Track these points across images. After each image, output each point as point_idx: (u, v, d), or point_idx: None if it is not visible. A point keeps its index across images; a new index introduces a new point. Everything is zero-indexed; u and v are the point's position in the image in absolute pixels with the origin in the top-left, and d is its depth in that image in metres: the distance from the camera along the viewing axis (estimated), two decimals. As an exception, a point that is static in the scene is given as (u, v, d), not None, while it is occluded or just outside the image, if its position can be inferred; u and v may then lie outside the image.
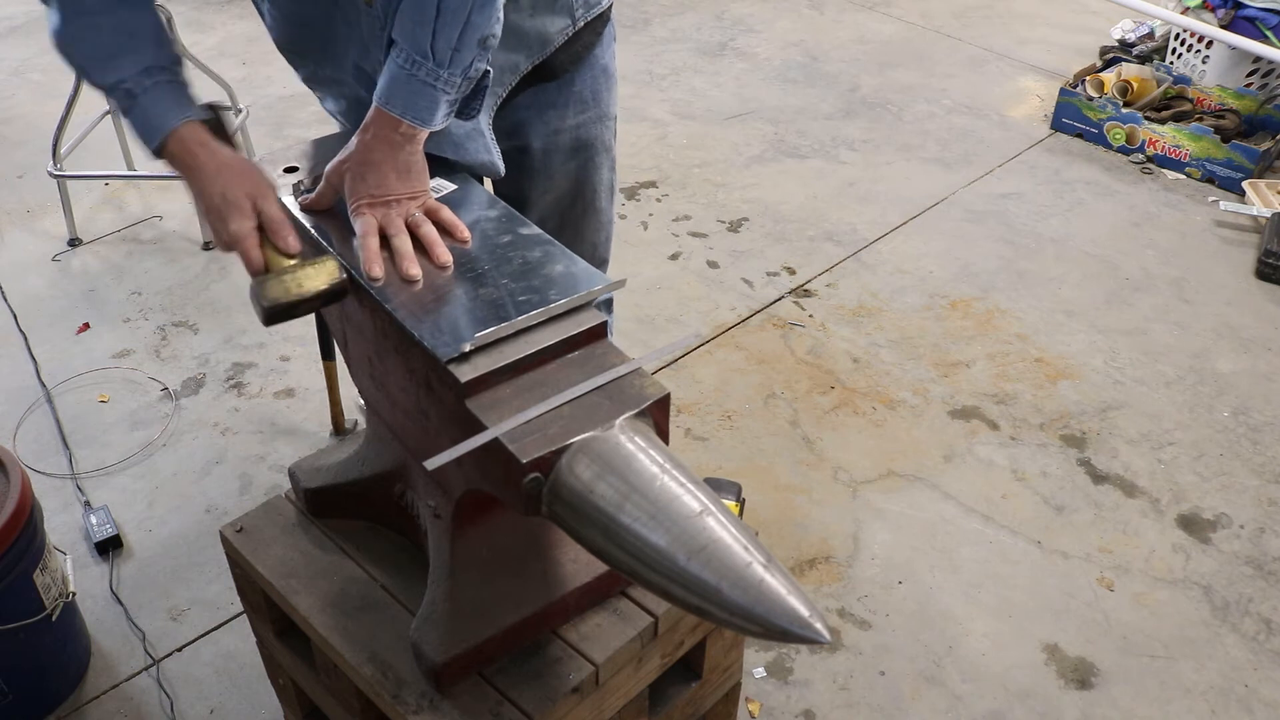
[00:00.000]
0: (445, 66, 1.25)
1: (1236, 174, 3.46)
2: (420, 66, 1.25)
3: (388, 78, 1.27)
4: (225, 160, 1.26)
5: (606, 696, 1.33)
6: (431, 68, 1.25)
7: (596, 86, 1.64)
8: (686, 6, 4.89)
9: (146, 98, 1.26)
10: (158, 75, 1.27)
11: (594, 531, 1.04)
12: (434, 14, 1.23)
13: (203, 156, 1.25)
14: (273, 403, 2.61)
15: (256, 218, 1.24)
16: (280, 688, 1.68)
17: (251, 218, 1.23)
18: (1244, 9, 3.78)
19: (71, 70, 1.32)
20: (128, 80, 1.25)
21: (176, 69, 1.30)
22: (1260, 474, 2.43)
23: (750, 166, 3.63)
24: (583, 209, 1.75)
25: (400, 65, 1.26)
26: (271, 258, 1.24)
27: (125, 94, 1.26)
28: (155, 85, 1.26)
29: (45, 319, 2.89)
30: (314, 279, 1.21)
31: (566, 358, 1.17)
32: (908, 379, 2.70)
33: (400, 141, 1.28)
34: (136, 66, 1.26)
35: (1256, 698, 1.96)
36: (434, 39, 1.24)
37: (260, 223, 1.24)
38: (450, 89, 1.27)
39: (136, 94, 1.26)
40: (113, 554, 2.21)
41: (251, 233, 1.23)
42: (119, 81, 1.26)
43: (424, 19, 1.23)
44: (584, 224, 1.77)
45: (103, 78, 1.27)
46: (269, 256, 1.24)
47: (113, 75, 1.26)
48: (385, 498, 1.44)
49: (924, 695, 1.96)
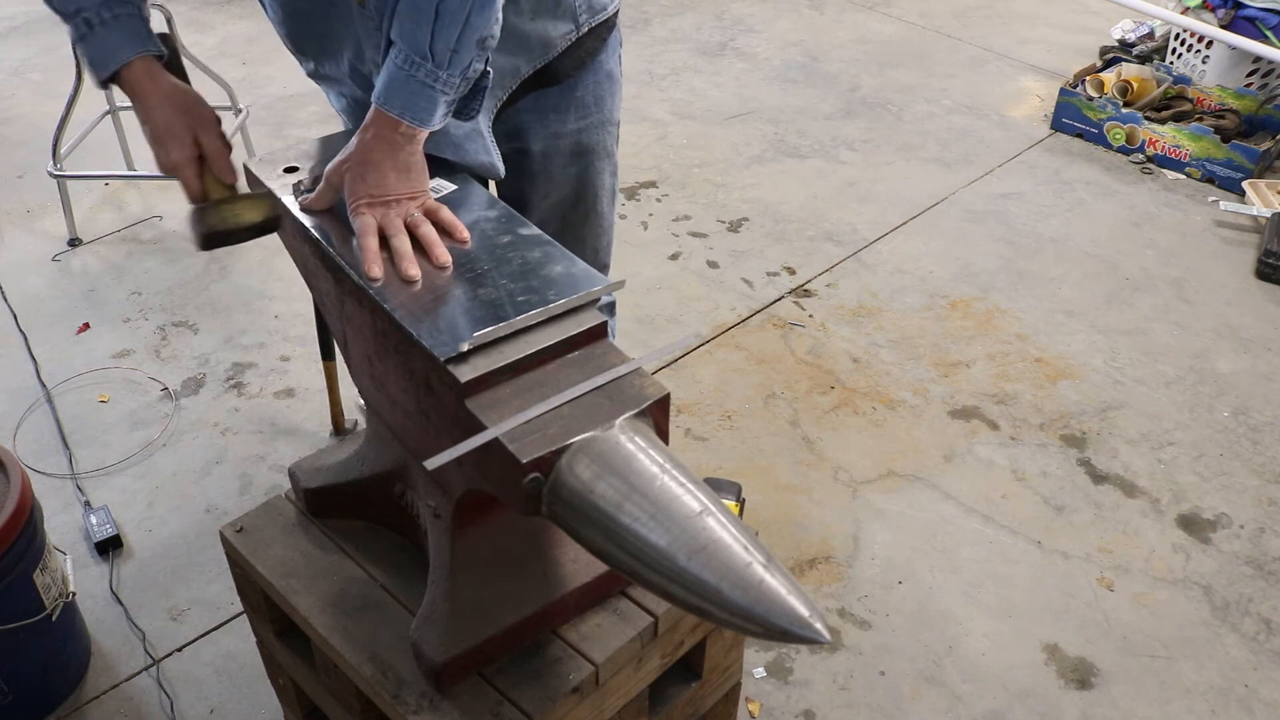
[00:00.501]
0: (444, 67, 1.25)
1: (1236, 174, 3.46)
2: (419, 67, 1.25)
3: (386, 78, 1.27)
4: (169, 91, 1.30)
5: (606, 696, 1.33)
6: (430, 68, 1.25)
7: (600, 92, 1.64)
8: (686, 6, 4.89)
9: (105, 29, 1.28)
10: (118, 8, 1.29)
11: (594, 531, 1.04)
12: (433, 15, 1.22)
13: (148, 87, 1.29)
14: (273, 403, 2.61)
15: (198, 149, 1.29)
16: (280, 688, 1.68)
17: (191, 148, 1.28)
18: (1244, 9, 3.78)
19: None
20: (87, 9, 1.27)
21: (140, 3, 1.31)
22: (1260, 474, 2.43)
23: (750, 166, 3.63)
24: (584, 213, 1.75)
25: (399, 65, 1.25)
26: (212, 187, 1.29)
27: (84, 23, 1.27)
28: (115, 18, 1.28)
29: (45, 319, 2.89)
30: (250, 211, 1.28)
31: (566, 358, 1.17)
32: (908, 379, 2.70)
33: (399, 141, 1.28)
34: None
35: (1256, 698, 1.96)
36: (433, 40, 1.24)
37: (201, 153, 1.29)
38: (449, 90, 1.27)
39: (94, 24, 1.28)
40: (113, 554, 2.21)
41: (191, 161, 1.28)
42: (79, 9, 1.27)
43: (423, 20, 1.23)
44: (584, 228, 1.77)
45: (64, 6, 1.28)
46: (209, 186, 1.29)
47: (74, 4, 1.27)
48: (385, 498, 1.44)
49: (924, 695, 1.96)
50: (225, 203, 1.28)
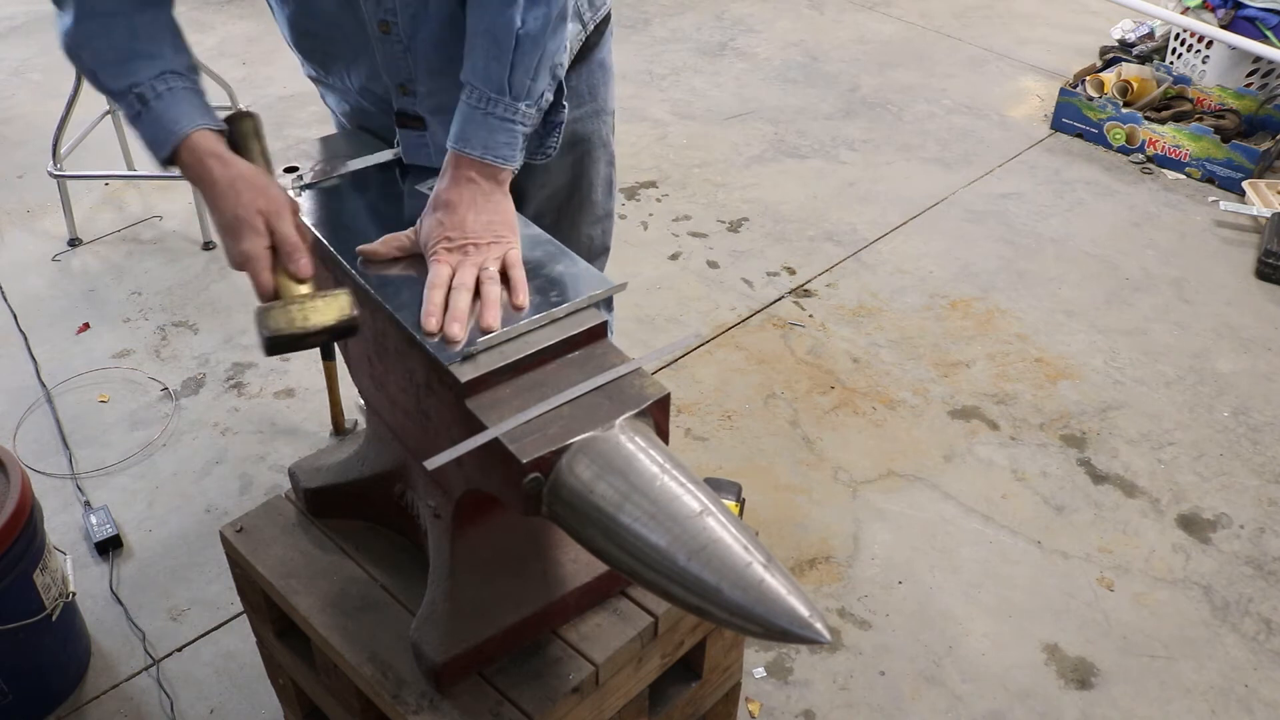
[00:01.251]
0: (521, 98, 1.24)
1: (1236, 174, 3.46)
2: (496, 103, 1.24)
3: (461, 119, 1.25)
4: (239, 173, 1.18)
5: (606, 696, 1.33)
6: (509, 102, 1.24)
7: (593, 81, 1.64)
8: (686, 6, 4.89)
9: (160, 103, 1.19)
10: (173, 80, 1.20)
11: (594, 531, 1.04)
12: (512, 45, 1.22)
13: (216, 169, 1.18)
14: (273, 403, 2.61)
15: (270, 237, 1.15)
16: (280, 688, 1.68)
17: (264, 236, 1.15)
18: (1244, 9, 3.78)
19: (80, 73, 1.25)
20: (141, 84, 1.19)
21: (194, 75, 1.24)
22: (1260, 474, 2.43)
23: (750, 166, 3.63)
24: (579, 203, 1.74)
25: (474, 105, 1.24)
26: (282, 283, 1.15)
27: (137, 99, 1.19)
28: (170, 91, 1.20)
29: (45, 319, 2.89)
30: (322, 313, 1.12)
31: (566, 358, 1.17)
32: (908, 379, 2.70)
33: (480, 183, 1.25)
34: (152, 71, 1.20)
35: (1256, 698, 1.96)
36: (511, 71, 1.23)
37: (274, 243, 1.15)
38: (527, 122, 1.26)
39: (149, 99, 1.19)
40: (113, 554, 2.21)
41: (263, 253, 1.15)
42: (132, 85, 1.19)
43: (501, 53, 1.22)
44: (580, 217, 1.76)
45: (115, 82, 1.20)
46: (280, 281, 1.15)
47: (125, 79, 1.20)
48: (385, 498, 1.44)
49: (924, 695, 1.96)
50: (296, 302, 1.12)
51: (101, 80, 1.22)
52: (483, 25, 1.25)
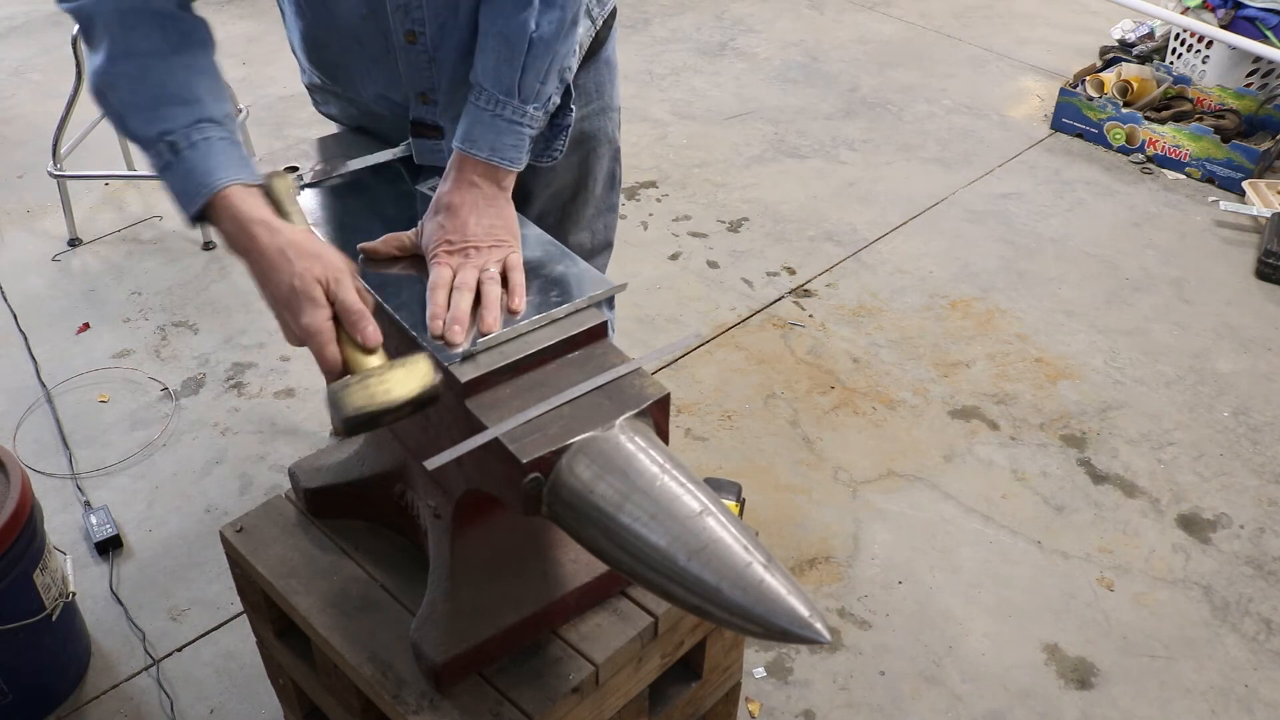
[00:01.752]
0: (530, 101, 1.25)
1: (1236, 174, 3.46)
2: (505, 105, 1.24)
3: (468, 121, 1.25)
4: (290, 239, 1.08)
5: (606, 696, 1.33)
6: (517, 105, 1.24)
7: (600, 79, 1.63)
8: (686, 6, 4.89)
9: (194, 153, 1.10)
10: (210, 129, 1.12)
11: (594, 531, 1.04)
12: (525, 48, 1.22)
13: (263, 237, 1.07)
14: (273, 403, 2.61)
15: (331, 307, 1.06)
16: (280, 688, 1.68)
17: (325, 307, 1.05)
18: (1244, 9, 3.78)
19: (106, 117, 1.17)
20: (174, 132, 1.10)
21: (231, 124, 1.16)
22: (1260, 474, 2.43)
23: (750, 166, 3.63)
24: (584, 199, 1.75)
25: (482, 106, 1.24)
26: (350, 355, 1.05)
27: (169, 147, 1.11)
28: (206, 141, 1.11)
29: (45, 319, 2.89)
30: (404, 383, 1.02)
31: (567, 358, 1.17)
32: (908, 379, 2.70)
33: (484, 185, 1.25)
34: (186, 118, 1.11)
35: (1256, 698, 1.96)
36: (523, 74, 1.23)
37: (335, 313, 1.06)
38: (534, 125, 1.26)
39: (181, 148, 1.10)
40: (113, 554, 2.21)
41: (327, 326, 1.05)
42: (163, 133, 1.11)
43: (512, 55, 1.22)
44: (584, 212, 1.76)
45: (145, 128, 1.12)
46: (347, 354, 1.05)
47: (156, 125, 1.11)
48: (385, 498, 1.44)
49: (924, 695, 1.96)
50: (373, 375, 1.02)
51: (130, 126, 1.14)
52: (495, 27, 1.24)
